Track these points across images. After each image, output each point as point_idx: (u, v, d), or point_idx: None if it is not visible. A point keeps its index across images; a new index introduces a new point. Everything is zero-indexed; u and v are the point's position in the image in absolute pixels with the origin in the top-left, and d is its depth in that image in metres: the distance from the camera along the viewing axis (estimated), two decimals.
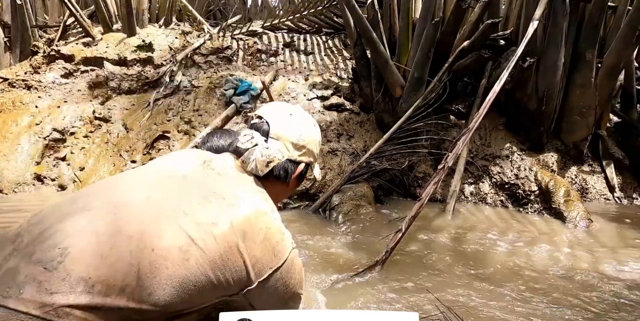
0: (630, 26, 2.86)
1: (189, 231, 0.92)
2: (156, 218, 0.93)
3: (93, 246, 0.87)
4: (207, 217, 0.96)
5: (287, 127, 1.18)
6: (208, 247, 0.92)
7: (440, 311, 1.49)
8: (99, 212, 0.93)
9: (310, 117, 1.30)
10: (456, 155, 2.17)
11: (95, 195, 0.99)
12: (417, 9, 3.34)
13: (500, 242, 2.32)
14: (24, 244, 0.89)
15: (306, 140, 1.22)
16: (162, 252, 0.89)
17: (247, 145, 1.14)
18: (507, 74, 2.38)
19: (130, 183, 1.04)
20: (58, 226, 0.90)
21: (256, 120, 1.20)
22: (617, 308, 1.64)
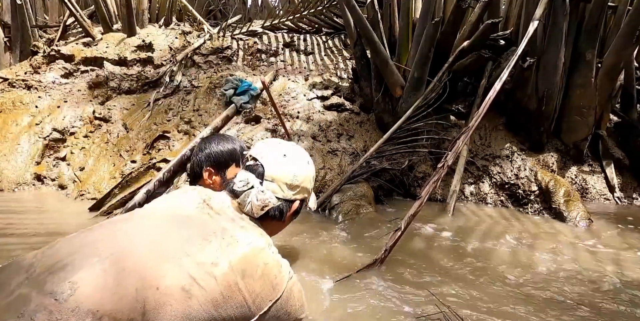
0: (630, 26, 2.85)
1: (191, 271, 1.00)
2: (160, 258, 1.00)
3: (101, 282, 0.93)
4: (207, 258, 1.03)
5: (281, 169, 1.25)
6: (209, 286, 1.00)
7: (440, 310, 1.49)
8: (107, 251, 1.00)
9: (304, 154, 1.37)
10: (456, 154, 2.17)
11: (105, 233, 1.07)
12: (417, 9, 3.33)
13: (500, 242, 2.32)
14: (36, 273, 0.95)
15: (300, 180, 1.29)
16: (166, 290, 0.96)
17: (243, 188, 1.21)
18: (507, 73, 2.37)
19: (137, 223, 1.12)
20: (69, 260, 0.97)
21: (251, 162, 1.27)
22: (618, 309, 1.64)
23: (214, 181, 1.69)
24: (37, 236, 2.29)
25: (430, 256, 2.10)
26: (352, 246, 2.13)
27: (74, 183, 3.22)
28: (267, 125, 3.38)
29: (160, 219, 1.12)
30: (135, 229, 1.09)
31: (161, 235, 1.06)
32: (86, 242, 1.04)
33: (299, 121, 3.45)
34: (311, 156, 3.03)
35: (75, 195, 3.09)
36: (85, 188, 3.13)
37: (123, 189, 2.87)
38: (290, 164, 1.27)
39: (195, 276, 0.99)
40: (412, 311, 1.53)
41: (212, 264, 1.03)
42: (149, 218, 1.14)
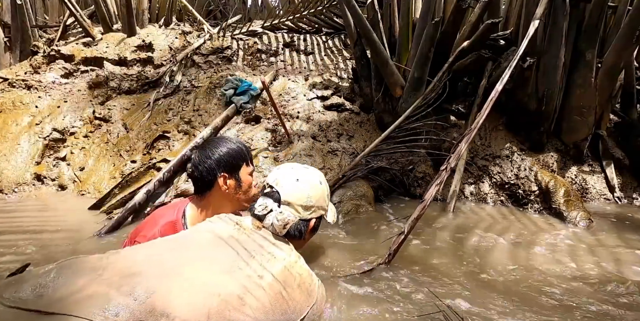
0: (630, 26, 2.86)
1: (243, 282, 1.18)
2: (219, 271, 1.18)
3: (172, 289, 1.09)
4: (254, 271, 1.22)
5: (295, 193, 1.43)
6: (259, 295, 1.17)
7: (440, 309, 1.49)
8: (171, 262, 1.18)
9: (316, 175, 1.53)
10: (458, 156, 2.17)
11: (167, 247, 1.26)
12: (417, 9, 3.33)
13: (501, 241, 2.32)
14: (107, 276, 1.10)
15: (314, 200, 1.46)
16: (227, 298, 1.12)
17: (263, 212, 1.40)
18: (509, 73, 2.38)
19: (191, 240, 1.30)
20: (140, 268, 1.13)
21: (268, 189, 1.46)
22: (619, 309, 1.64)
23: (229, 186, 1.67)
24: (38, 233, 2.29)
25: (430, 256, 2.10)
26: (352, 246, 2.13)
27: (74, 183, 3.22)
28: (267, 125, 3.38)
29: (210, 238, 1.29)
30: (192, 245, 1.27)
31: (215, 251, 1.24)
32: (152, 253, 1.21)
33: (299, 121, 3.45)
34: (311, 156, 3.04)
35: (75, 195, 3.09)
36: (85, 187, 3.13)
37: (123, 189, 2.87)
38: (303, 187, 1.44)
39: (247, 287, 1.17)
40: (412, 310, 1.53)
41: (259, 277, 1.21)
42: (199, 236, 1.31)
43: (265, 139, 3.24)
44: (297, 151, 3.07)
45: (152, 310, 1.03)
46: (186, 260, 1.19)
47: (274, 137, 3.28)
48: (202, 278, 1.15)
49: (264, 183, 1.52)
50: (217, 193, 1.68)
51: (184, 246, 1.26)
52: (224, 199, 1.69)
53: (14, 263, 1.92)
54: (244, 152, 1.70)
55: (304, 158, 3.01)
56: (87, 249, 2.13)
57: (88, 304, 1.01)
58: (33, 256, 2.01)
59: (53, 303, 1.01)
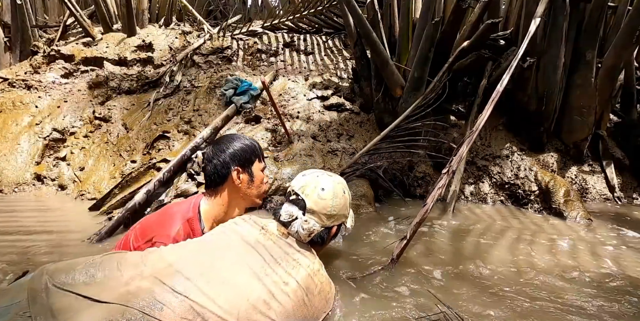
0: (630, 26, 2.85)
1: (270, 288, 1.25)
2: (249, 275, 1.26)
3: (208, 290, 1.18)
4: (279, 278, 1.30)
5: (320, 202, 1.48)
6: (284, 300, 1.25)
7: (441, 310, 1.49)
8: (206, 264, 1.26)
9: (341, 185, 1.57)
10: (461, 158, 2.17)
11: (200, 251, 1.32)
12: (417, 9, 3.33)
13: (501, 242, 2.32)
14: (149, 273, 1.18)
15: (337, 209, 1.51)
16: (254, 302, 1.20)
17: (288, 219, 1.46)
18: (510, 73, 2.37)
19: (222, 243, 1.37)
20: (178, 268, 1.22)
21: (294, 197, 1.51)
22: (619, 309, 1.64)
23: (242, 180, 1.69)
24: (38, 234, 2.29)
25: (430, 257, 2.10)
26: (352, 246, 2.13)
27: (74, 182, 3.22)
28: (267, 125, 3.38)
29: (239, 243, 1.37)
30: (224, 248, 1.34)
31: (245, 256, 1.32)
32: (188, 255, 1.28)
33: (299, 121, 3.45)
34: (311, 156, 3.04)
35: (75, 195, 3.09)
36: (85, 187, 3.13)
37: (123, 189, 2.87)
38: (327, 197, 1.49)
39: (273, 292, 1.25)
40: (412, 311, 1.53)
41: (284, 283, 1.28)
42: (228, 239, 1.39)
43: (265, 139, 3.24)
44: (297, 151, 3.07)
45: (190, 308, 1.12)
46: (220, 263, 1.27)
47: (274, 137, 3.28)
48: (234, 281, 1.23)
49: (289, 189, 1.57)
50: (229, 187, 1.70)
51: (217, 249, 1.33)
52: (236, 194, 1.71)
53: (15, 263, 1.92)
54: (256, 148, 1.74)
55: (304, 158, 3.01)
56: (87, 250, 2.13)
57: (135, 297, 1.10)
58: (34, 256, 2.01)
59: (102, 292, 1.09)
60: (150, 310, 1.07)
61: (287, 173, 2.87)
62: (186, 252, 1.29)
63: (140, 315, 1.06)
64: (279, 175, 2.85)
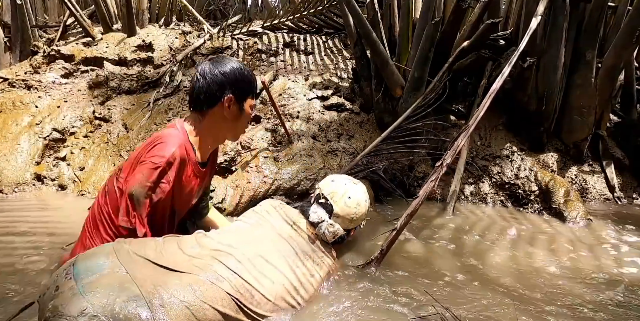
0: (630, 26, 2.85)
1: (300, 278, 1.51)
2: (286, 264, 1.51)
3: (257, 271, 1.41)
4: (308, 270, 1.55)
5: (345, 209, 1.70)
6: (309, 289, 1.52)
7: (438, 311, 1.49)
8: (253, 251, 1.48)
9: (364, 193, 1.79)
10: (455, 152, 2.17)
11: (245, 240, 1.54)
12: (417, 9, 3.33)
13: (500, 242, 2.32)
14: (207, 251, 1.40)
15: (358, 216, 1.75)
16: (288, 287, 1.45)
17: (316, 220, 1.68)
18: (508, 70, 2.37)
19: (264, 233, 1.60)
20: (229, 251, 1.43)
21: (323, 200, 1.72)
22: (619, 309, 1.64)
23: (232, 111, 1.60)
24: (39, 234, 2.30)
25: (429, 257, 2.10)
26: (351, 246, 2.13)
27: (74, 182, 3.23)
28: (267, 125, 3.38)
29: (276, 235, 1.59)
30: (265, 237, 1.56)
31: (282, 247, 1.55)
32: (235, 243, 1.49)
33: (299, 120, 3.45)
34: (311, 156, 3.04)
35: (76, 195, 3.09)
36: (85, 187, 3.14)
37: None
38: (352, 205, 1.71)
39: (301, 281, 1.50)
40: (410, 312, 1.53)
41: (310, 275, 1.55)
42: (267, 232, 1.60)
43: (265, 139, 3.24)
44: (297, 151, 3.07)
45: (242, 283, 1.33)
46: (262, 253, 1.48)
47: (274, 137, 3.28)
48: (277, 266, 1.46)
49: (317, 191, 1.78)
50: (216, 114, 1.60)
51: (258, 240, 1.55)
52: (220, 124, 1.63)
53: (16, 263, 1.92)
54: (255, 83, 1.65)
55: (304, 158, 3.01)
56: None
57: (202, 270, 1.30)
58: (34, 256, 2.01)
59: (171, 263, 1.28)
60: (215, 281, 1.28)
61: (287, 173, 2.87)
62: (232, 240, 1.50)
63: (210, 284, 1.26)
64: (279, 175, 2.85)
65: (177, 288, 1.19)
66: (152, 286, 1.15)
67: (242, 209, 2.64)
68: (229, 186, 2.78)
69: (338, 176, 1.82)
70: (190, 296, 1.18)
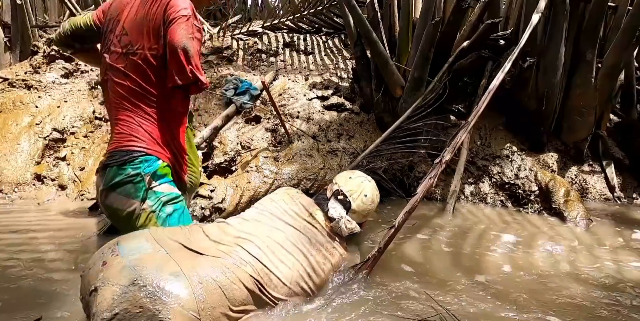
0: (630, 26, 2.85)
1: (314, 265, 1.62)
2: (300, 252, 1.62)
3: (275, 258, 1.54)
4: (320, 259, 1.66)
5: (361, 206, 1.84)
6: (320, 276, 1.64)
7: (438, 312, 1.49)
8: (272, 237, 1.61)
9: (375, 189, 1.94)
10: (455, 148, 2.16)
11: (266, 227, 1.67)
12: (417, 9, 3.33)
13: (499, 242, 2.32)
14: (228, 239, 1.53)
15: (371, 212, 1.90)
16: (302, 273, 1.57)
17: (335, 215, 1.78)
18: (509, 66, 2.37)
19: (279, 222, 1.71)
20: (249, 238, 1.56)
21: (341, 197, 1.84)
22: (620, 309, 1.64)
23: None
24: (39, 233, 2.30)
25: (429, 257, 2.10)
26: (350, 246, 2.13)
27: (74, 182, 3.22)
28: (267, 125, 3.38)
29: (292, 227, 1.70)
30: (281, 230, 1.66)
31: (299, 237, 1.67)
32: (255, 231, 1.61)
33: (299, 120, 3.45)
34: (311, 156, 3.04)
35: (75, 195, 3.09)
36: (85, 187, 3.13)
37: None
38: (368, 202, 1.86)
39: (314, 269, 1.62)
40: (409, 313, 1.53)
41: (322, 264, 1.66)
42: (284, 223, 1.71)
43: (265, 139, 3.24)
44: (297, 151, 3.07)
45: (262, 268, 1.46)
46: (282, 238, 1.62)
47: (274, 137, 3.28)
48: (293, 253, 1.59)
49: (335, 187, 1.88)
50: None
51: (276, 230, 1.66)
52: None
53: (15, 261, 1.92)
54: None
55: (304, 158, 3.01)
56: (89, 248, 2.13)
57: (226, 254, 1.43)
58: (35, 255, 2.01)
59: (200, 249, 1.41)
60: (240, 264, 1.41)
61: (287, 173, 2.87)
62: (252, 228, 1.63)
63: (235, 267, 1.39)
64: (279, 175, 2.85)
65: (209, 269, 1.33)
66: (190, 265, 1.29)
67: (242, 209, 2.64)
68: (229, 186, 2.78)
69: (354, 173, 1.93)
70: (222, 276, 1.33)
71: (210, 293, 1.25)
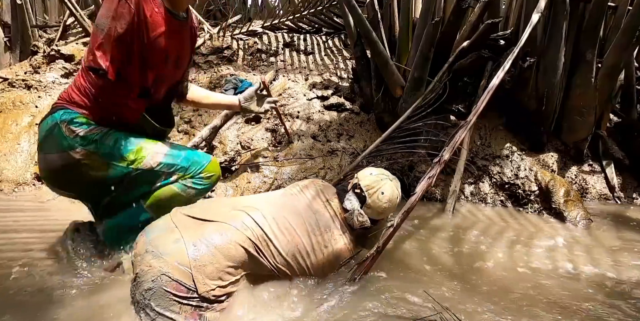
0: (630, 26, 2.85)
1: (314, 245, 1.69)
2: (305, 230, 1.70)
3: (274, 228, 1.65)
4: (323, 241, 1.72)
5: (377, 202, 1.83)
6: (319, 256, 1.70)
7: (437, 312, 1.49)
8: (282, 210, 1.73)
9: (396, 189, 1.89)
10: (454, 148, 2.17)
11: (280, 202, 1.79)
12: (417, 9, 3.33)
13: (499, 242, 2.32)
14: (238, 208, 1.68)
15: (387, 210, 1.87)
16: (300, 249, 1.66)
17: (349, 207, 1.83)
18: (508, 65, 2.37)
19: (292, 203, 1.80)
20: (258, 207, 1.70)
21: (358, 191, 1.85)
22: (620, 309, 1.64)
23: None
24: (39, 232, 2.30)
25: (428, 257, 2.10)
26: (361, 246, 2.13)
27: None
28: (267, 125, 3.38)
29: (305, 205, 1.79)
30: (294, 206, 1.76)
31: (307, 217, 1.74)
32: (266, 202, 1.75)
33: (299, 120, 3.45)
34: (310, 155, 3.04)
35: None
36: None
37: None
38: (384, 200, 1.83)
39: (314, 248, 1.69)
40: (408, 312, 1.53)
41: (324, 246, 1.72)
42: (299, 201, 1.81)
43: (265, 139, 3.24)
44: (297, 151, 3.07)
45: (262, 234, 1.59)
46: (290, 213, 1.72)
47: (274, 137, 3.28)
48: (296, 229, 1.67)
49: (356, 181, 1.91)
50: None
51: (288, 205, 1.76)
52: None
53: (16, 259, 1.92)
54: None
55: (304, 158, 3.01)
56: None
57: (230, 219, 1.60)
58: (34, 253, 2.01)
59: (211, 216, 1.61)
60: (240, 228, 1.57)
61: (287, 173, 2.87)
62: (264, 201, 1.76)
63: (234, 230, 1.55)
64: (278, 175, 2.85)
65: (210, 233, 1.54)
66: (193, 232, 1.53)
67: None
68: (228, 186, 2.78)
69: (378, 170, 1.97)
70: (218, 238, 1.53)
71: (204, 253, 1.48)
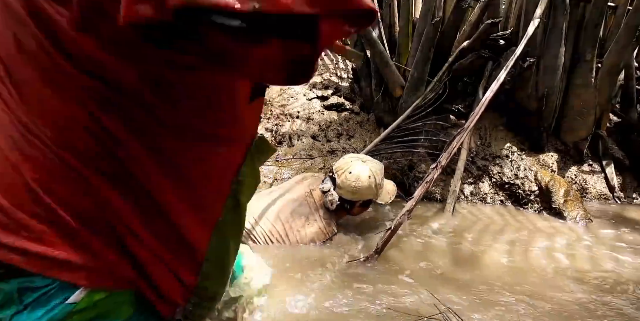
0: (630, 26, 2.85)
1: (287, 229, 1.94)
2: (282, 214, 1.98)
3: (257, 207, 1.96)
4: (296, 225, 1.96)
5: (345, 182, 1.96)
6: (292, 238, 1.94)
7: (440, 311, 1.49)
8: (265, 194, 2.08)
9: (367, 170, 1.98)
10: (450, 155, 2.17)
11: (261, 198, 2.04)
12: (417, 9, 3.33)
13: (499, 242, 2.32)
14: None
15: (359, 190, 1.98)
16: (278, 228, 1.94)
17: (323, 189, 2.02)
18: (506, 72, 2.38)
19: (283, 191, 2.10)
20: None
21: (331, 174, 2.03)
22: (620, 309, 1.64)
23: None
24: None
25: (429, 257, 2.10)
26: (350, 246, 2.13)
27: None
28: (267, 125, 3.39)
29: (290, 194, 2.04)
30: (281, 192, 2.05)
31: (287, 203, 1.99)
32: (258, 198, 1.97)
33: (299, 120, 3.45)
34: (310, 155, 3.04)
35: None
36: None
37: None
38: (352, 179, 1.95)
39: (287, 233, 1.93)
40: (410, 311, 1.53)
41: (296, 230, 1.95)
42: (289, 189, 2.08)
43: None
44: (297, 150, 3.07)
45: (261, 215, 1.90)
46: (274, 205, 1.98)
47: (274, 137, 3.28)
48: (273, 212, 1.93)
49: (333, 167, 2.08)
50: None
51: (278, 197, 2.01)
52: None
53: None
54: None
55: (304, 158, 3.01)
56: None
57: None
58: None
59: None
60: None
61: (287, 173, 2.87)
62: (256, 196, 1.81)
63: None
64: (278, 175, 2.85)
65: None
66: None
67: None
68: None
69: (354, 155, 2.10)
70: None
71: None
